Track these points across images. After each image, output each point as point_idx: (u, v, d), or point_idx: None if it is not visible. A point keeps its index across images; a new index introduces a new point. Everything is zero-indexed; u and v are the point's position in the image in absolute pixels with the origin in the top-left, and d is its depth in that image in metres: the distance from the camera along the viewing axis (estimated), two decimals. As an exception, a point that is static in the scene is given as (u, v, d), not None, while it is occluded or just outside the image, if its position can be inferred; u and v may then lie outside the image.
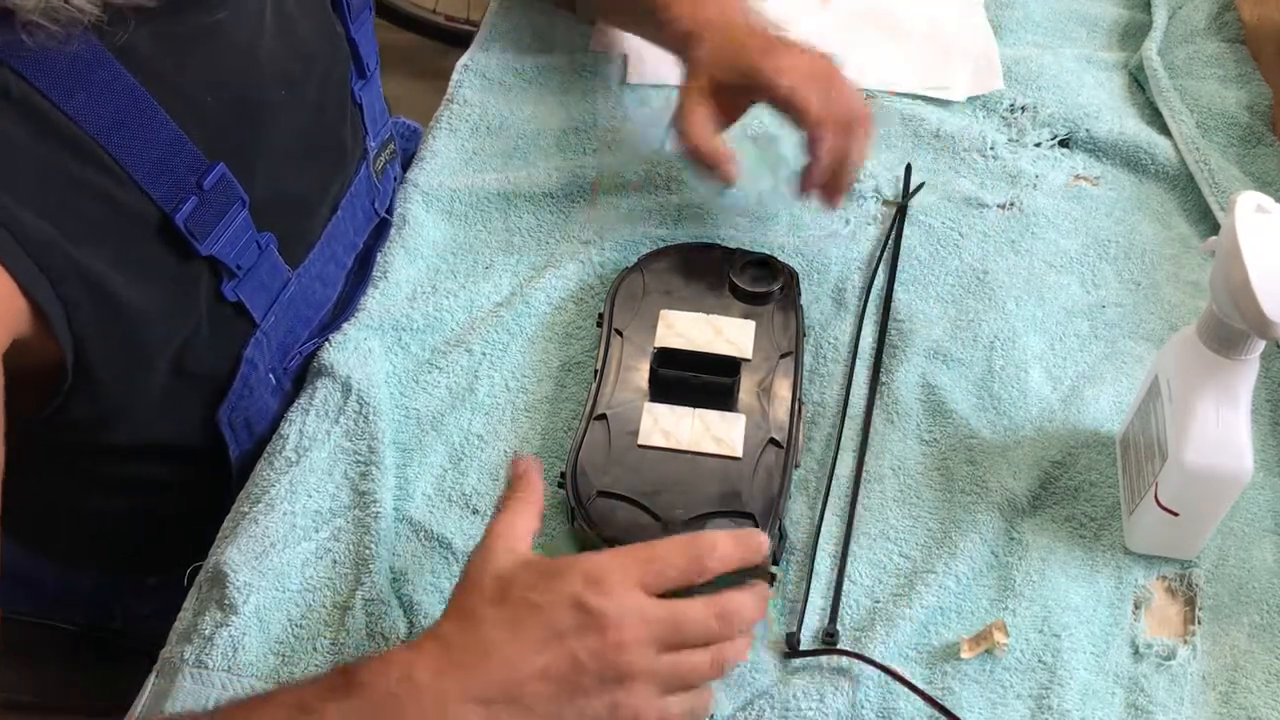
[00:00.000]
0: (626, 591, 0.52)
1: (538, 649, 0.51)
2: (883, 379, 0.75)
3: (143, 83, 0.59)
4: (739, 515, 0.65)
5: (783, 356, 0.73)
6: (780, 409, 0.70)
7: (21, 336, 0.56)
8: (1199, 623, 0.64)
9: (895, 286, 0.80)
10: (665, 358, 0.72)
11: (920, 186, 0.87)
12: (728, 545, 0.55)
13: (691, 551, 0.54)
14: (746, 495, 0.66)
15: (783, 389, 0.71)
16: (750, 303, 0.76)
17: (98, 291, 0.59)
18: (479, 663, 0.51)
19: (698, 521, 0.65)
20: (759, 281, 0.77)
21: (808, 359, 0.76)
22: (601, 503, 0.66)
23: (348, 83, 0.79)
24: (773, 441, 0.68)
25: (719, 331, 0.74)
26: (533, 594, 0.52)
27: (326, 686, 0.51)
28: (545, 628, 0.51)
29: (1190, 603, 0.65)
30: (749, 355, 0.73)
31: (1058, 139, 0.91)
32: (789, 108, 0.76)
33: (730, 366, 0.72)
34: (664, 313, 0.75)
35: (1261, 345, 0.58)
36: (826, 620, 0.64)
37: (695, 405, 0.70)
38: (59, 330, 0.58)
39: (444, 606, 0.65)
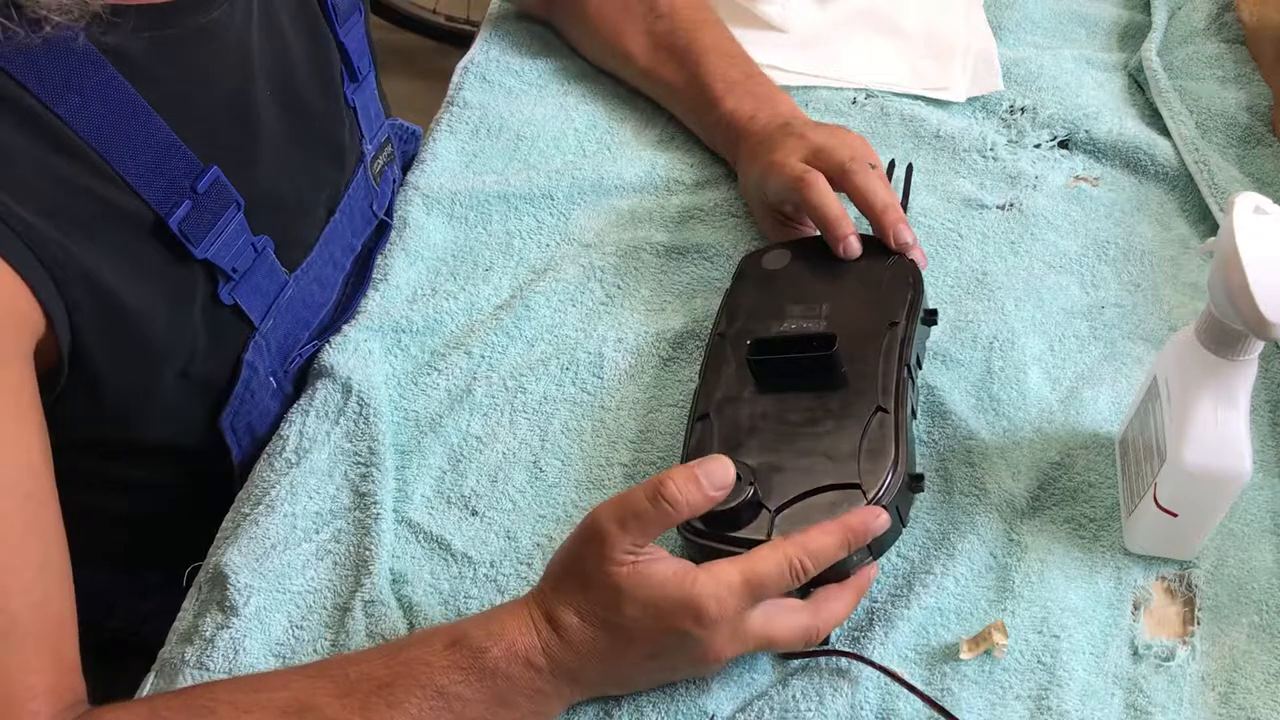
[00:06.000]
0: (727, 619, 0.56)
1: (638, 659, 0.58)
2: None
3: (136, 85, 0.59)
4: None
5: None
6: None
7: (39, 337, 0.57)
8: (1198, 623, 0.64)
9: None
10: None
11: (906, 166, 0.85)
12: (822, 541, 0.58)
13: (791, 561, 0.57)
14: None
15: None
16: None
17: (98, 291, 0.59)
18: (585, 662, 0.57)
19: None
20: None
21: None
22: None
23: (339, 85, 0.79)
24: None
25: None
26: (645, 622, 0.56)
27: (452, 665, 0.56)
28: (651, 645, 0.57)
29: (1189, 603, 0.64)
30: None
31: (1057, 140, 0.91)
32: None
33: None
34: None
35: (1260, 346, 0.58)
36: None
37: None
38: (59, 326, 0.58)
39: (443, 609, 0.65)
